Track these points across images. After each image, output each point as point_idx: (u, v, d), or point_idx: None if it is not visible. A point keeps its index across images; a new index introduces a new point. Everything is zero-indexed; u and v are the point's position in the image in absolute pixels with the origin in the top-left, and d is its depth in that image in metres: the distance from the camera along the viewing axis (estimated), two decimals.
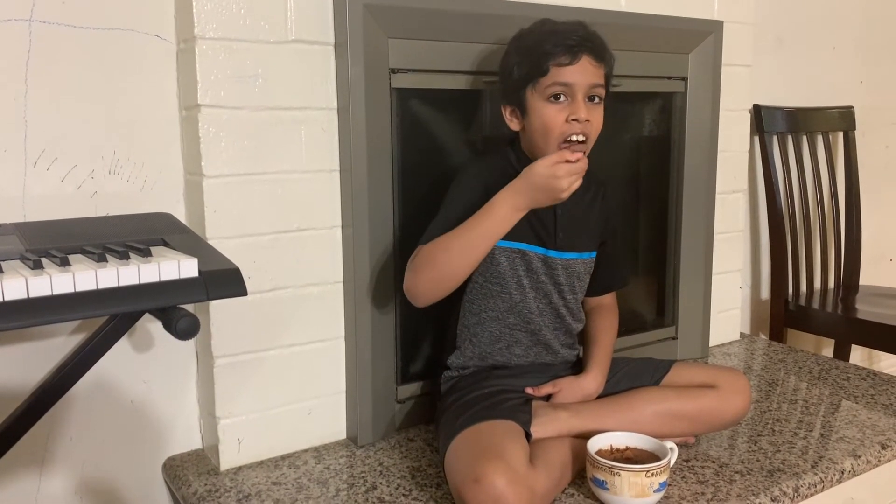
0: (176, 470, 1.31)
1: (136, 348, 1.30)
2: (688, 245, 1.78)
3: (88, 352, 0.95)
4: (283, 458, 1.34)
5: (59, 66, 1.18)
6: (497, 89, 1.31)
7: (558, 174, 1.15)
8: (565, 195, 1.18)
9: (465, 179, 1.28)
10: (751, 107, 1.95)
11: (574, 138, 1.20)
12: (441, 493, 1.20)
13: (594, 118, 1.21)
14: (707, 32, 1.71)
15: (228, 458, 1.30)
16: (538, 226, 1.28)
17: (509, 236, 1.26)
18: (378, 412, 1.39)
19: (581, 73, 1.19)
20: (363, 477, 1.27)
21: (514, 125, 1.28)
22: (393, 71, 1.33)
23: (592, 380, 1.32)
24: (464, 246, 1.19)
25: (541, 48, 1.20)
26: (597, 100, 1.22)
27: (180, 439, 1.37)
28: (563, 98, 1.20)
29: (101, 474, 1.31)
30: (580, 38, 1.20)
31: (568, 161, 1.16)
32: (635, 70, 1.63)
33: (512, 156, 1.29)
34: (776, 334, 2.12)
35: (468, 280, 1.30)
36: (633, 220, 1.78)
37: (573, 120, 1.19)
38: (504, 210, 1.18)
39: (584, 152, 1.21)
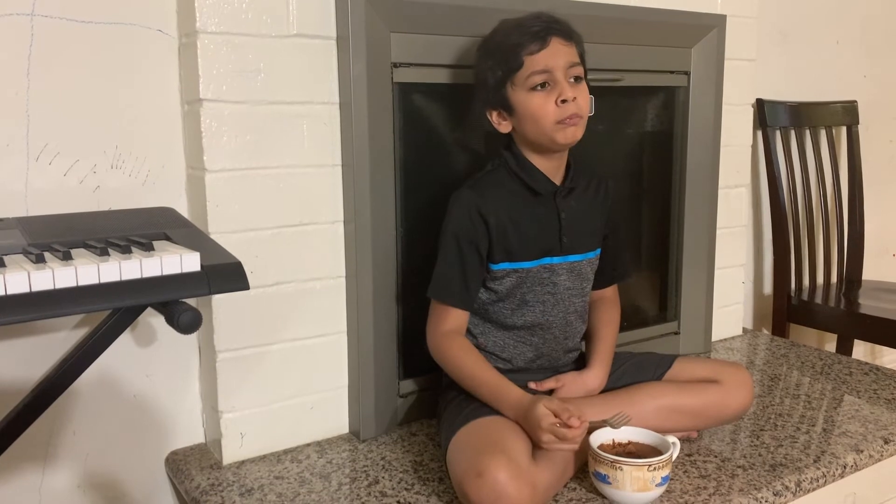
0: (179, 464, 1.31)
1: (138, 343, 1.30)
2: (690, 240, 1.78)
3: (91, 346, 0.95)
4: (285, 452, 1.34)
5: (61, 60, 1.18)
6: (476, 99, 1.30)
7: (542, 425, 1.10)
8: (541, 443, 1.11)
9: (453, 220, 1.25)
10: (754, 101, 1.95)
11: (568, 120, 1.20)
12: (443, 488, 1.20)
13: (580, 96, 1.21)
14: (710, 26, 1.70)
15: (231, 453, 1.30)
16: (541, 236, 1.28)
17: (512, 257, 1.26)
18: (380, 406, 1.39)
19: (555, 55, 1.19)
20: (365, 471, 1.27)
21: (503, 127, 1.27)
22: (395, 65, 1.33)
23: (595, 376, 1.32)
24: (468, 386, 1.23)
25: (509, 43, 1.20)
26: (579, 78, 1.22)
27: (183, 433, 1.37)
28: (545, 85, 1.20)
29: (104, 468, 1.31)
30: (545, 23, 1.20)
31: (565, 424, 1.09)
32: (638, 64, 1.63)
33: (511, 159, 1.28)
34: (779, 329, 2.12)
35: None
36: (636, 215, 1.77)
37: (562, 102, 1.19)
38: (508, 408, 1.18)
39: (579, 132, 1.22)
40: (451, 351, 1.25)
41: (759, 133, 2.07)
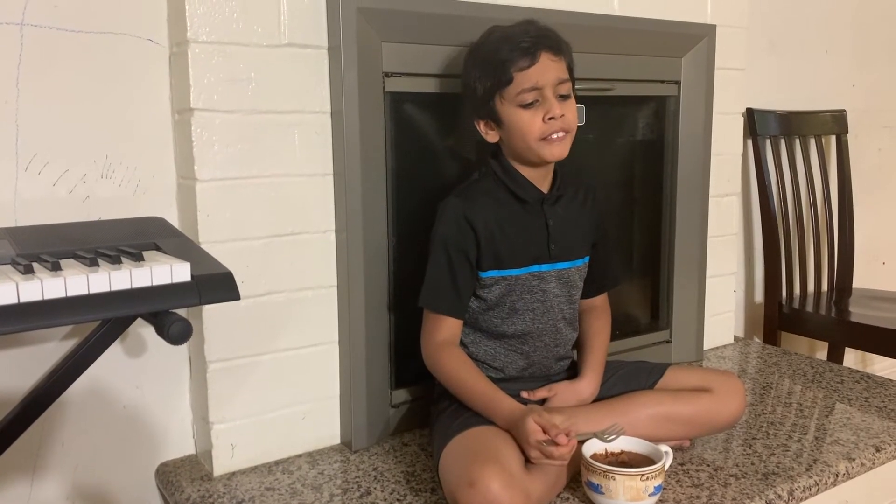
0: (169, 476, 1.30)
1: (128, 353, 1.30)
2: (681, 248, 1.78)
3: (80, 357, 0.94)
4: (276, 463, 1.33)
5: (51, 69, 1.17)
6: (464, 106, 1.30)
7: (530, 441, 1.10)
8: (530, 457, 1.12)
9: (441, 228, 1.25)
10: (744, 110, 1.96)
11: (555, 136, 1.20)
12: (436, 498, 1.19)
13: (568, 112, 1.21)
14: (700, 36, 1.71)
15: (222, 464, 1.29)
16: (529, 244, 1.28)
17: (501, 265, 1.27)
18: (372, 416, 1.39)
19: (544, 72, 1.19)
20: (357, 482, 1.26)
21: (491, 137, 1.27)
22: (386, 74, 1.33)
23: (588, 384, 1.32)
24: (461, 397, 1.23)
25: (498, 57, 1.20)
26: (566, 96, 1.22)
27: (173, 445, 1.36)
28: (535, 102, 1.20)
29: (94, 480, 1.30)
30: (534, 38, 1.19)
31: (552, 441, 1.08)
32: (629, 74, 1.63)
33: (497, 168, 1.28)
34: (770, 337, 2.13)
35: None
36: (627, 224, 1.78)
37: (550, 119, 1.19)
38: (499, 419, 1.18)
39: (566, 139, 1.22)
40: (446, 362, 1.25)
41: (750, 142, 2.08)
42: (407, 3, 1.31)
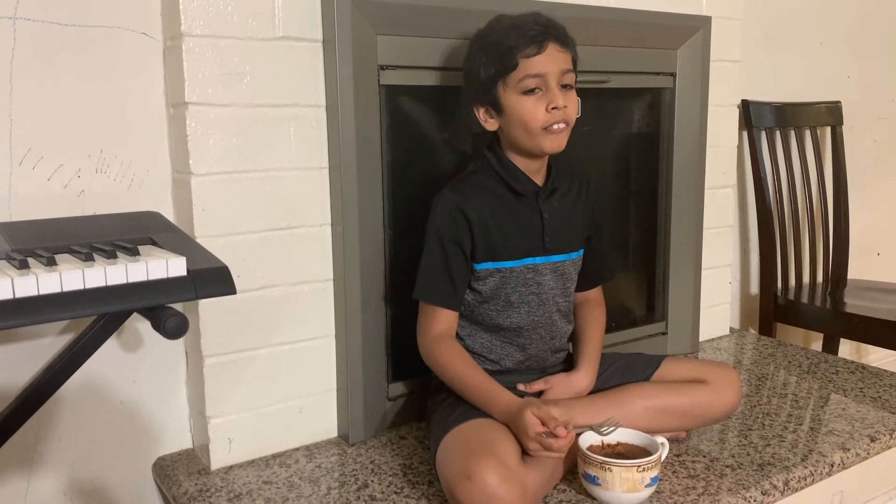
0: (166, 470, 1.30)
1: (124, 348, 1.30)
2: (677, 240, 1.78)
3: (76, 352, 0.94)
4: (273, 456, 1.34)
5: (45, 63, 1.17)
6: (464, 93, 1.30)
7: (529, 433, 1.10)
8: (528, 450, 1.13)
9: (436, 220, 1.26)
10: (739, 102, 1.96)
11: (555, 127, 1.20)
12: (433, 491, 1.20)
13: (570, 104, 1.21)
14: (695, 28, 1.71)
15: (219, 458, 1.30)
16: (523, 237, 1.28)
17: (495, 257, 1.27)
18: (369, 410, 1.39)
19: (550, 61, 1.19)
20: (354, 475, 1.26)
21: (490, 125, 1.27)
22: (382, 67, 1.33)
23: (584, 377, 1.32)
24: (458, 390, 1.24)
25: (505, 43, 1.19)
26: (569, 86, 1.22)
27: (170, 439, 1.36)
28: (537, 90, 1.20)
29: (91, 475, 1.30)
30: (543, 27, 1.19)
31: (551, 433, 1.09)
32: (624, 66, 1.63)
33: (493, 160, 1.28)
34: (765, 329, 2.13)
35: None
36: (623, 216, 1.78)
37: (553, 109, 1.19)
38: (497, 413, 1.18)
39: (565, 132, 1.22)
40: (442, 356, 1.25)
41: (745, 134, 2.08)
42: None
